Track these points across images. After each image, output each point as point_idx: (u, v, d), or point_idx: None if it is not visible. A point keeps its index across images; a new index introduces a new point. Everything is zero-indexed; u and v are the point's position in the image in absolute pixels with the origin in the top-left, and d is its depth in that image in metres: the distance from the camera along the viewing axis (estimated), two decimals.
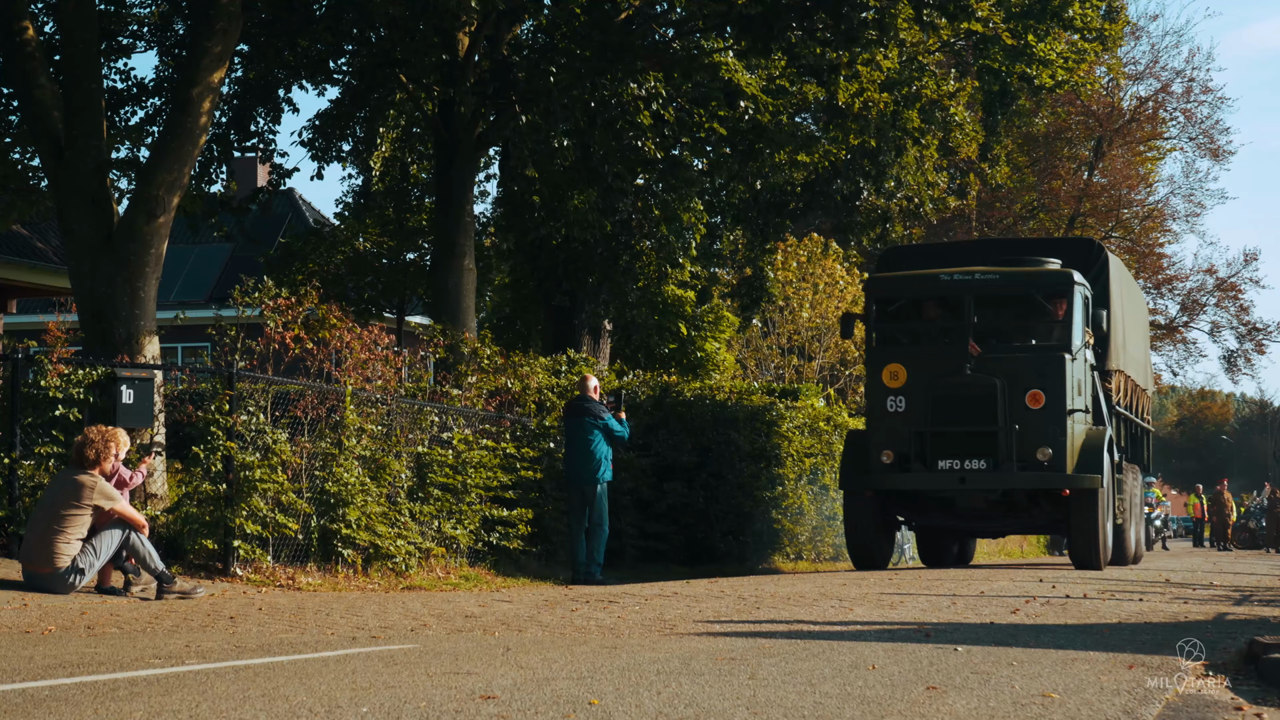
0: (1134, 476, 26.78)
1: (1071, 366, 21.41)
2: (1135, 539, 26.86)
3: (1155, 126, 47.84)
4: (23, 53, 16.75)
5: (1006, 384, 21.13)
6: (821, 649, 9.07)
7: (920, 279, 22.26)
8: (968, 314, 21.61)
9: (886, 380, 21.52)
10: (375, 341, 19.27)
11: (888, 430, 21.51)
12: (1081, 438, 21.72)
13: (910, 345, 22.37)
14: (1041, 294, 21.72)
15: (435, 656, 8.48)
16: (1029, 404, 21.10)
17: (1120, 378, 25.21)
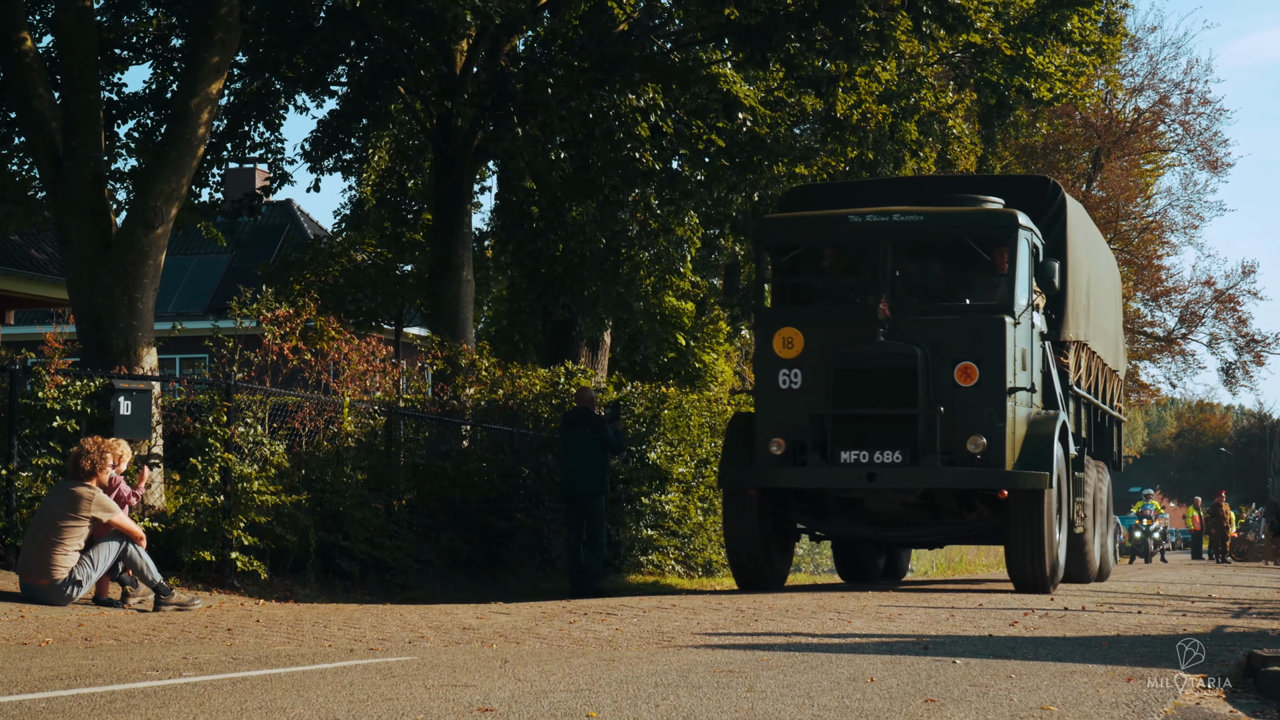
0: (1098, 474, 22.12)
1: (1014, 333, 17.20)
2: (1100, 551, 22.53)
3: (1154, 138, 47.89)
4: (21, 64, 16.76)
5: (930, 354, 16.95)
6: (819, 661, 9.06)
7: (823, 221, 18.03)
8: (883, 265, 17.33)
9: (779, 349, 17.35)
10: (373, 353, 19.27)
11: (779, 412, 17.29)
12: (1025, 424, 17.47)
13: (809, 305, 18.20)
14: (976, 240, 17.44)
15: (433, 668, 8.47)
16: (958, 380, 16.95)
17: (1081, 352, 20.95)
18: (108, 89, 21.10)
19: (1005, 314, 17.12)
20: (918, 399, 16.88)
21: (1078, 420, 20.87)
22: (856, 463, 16.86)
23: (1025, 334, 17.57)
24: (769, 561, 18.20)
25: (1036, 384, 17.99)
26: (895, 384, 16.94)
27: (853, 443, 16.94)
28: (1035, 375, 17.94)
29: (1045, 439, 17.42)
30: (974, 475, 16.96)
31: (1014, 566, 17.81)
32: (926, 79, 27.49)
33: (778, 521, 18.29)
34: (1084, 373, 21.28)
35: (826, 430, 17.03)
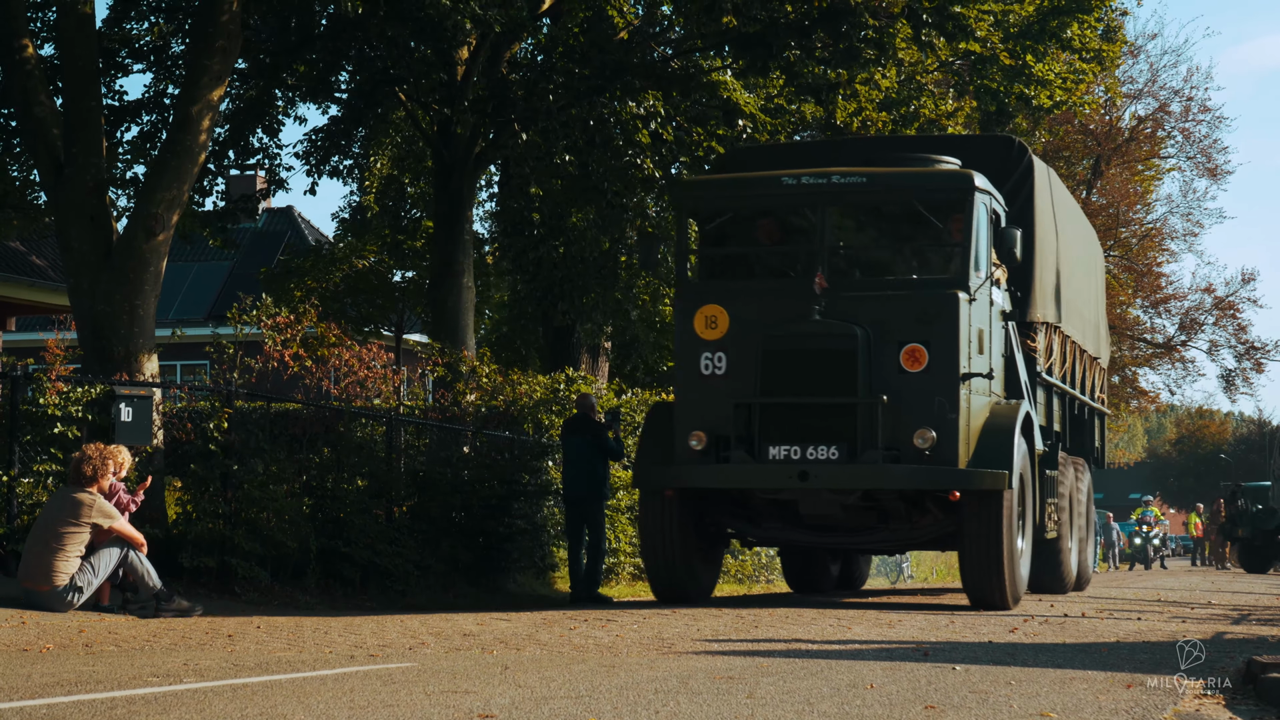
0: (1076, 473, 20.27)
1: (969, 311, 15.23)
2: (1079, 558, 20.72)
3: (1153, 145, 47.90)
4: (22, 71, 16.78)
5: (872, 335, 15.00)
6: (819, 668, 9.07)
7: (752, 183, 16.14)
8: (820, 234, 15.46)
9: (700, 329, 15.41)
10: (374, 359, 19.29)
11: (700, 402, 15.39)
12: (983, 415, 15.52)
13: (736, 279, 16.30)
14: (927, 205, 15.51)
15: (433, 675, 8.48)
16: (905, 365, 15.00)
17: (1052, 335, 18.87)
18: (109, 96, 21.12)
19: (959, 289, 15.13)
20: (857, 386, 14.93)
21: (1048, 412, 19.02)
22: (787, 459, 14.94)
23: (983, 312, 15.66)
24: (690, 571, 16.26)
25: (997, 370, 16.08)
26: (832, 369, 15.00)
27: (783, 436, 15.01)
28: (995, 360, 16.02)
29: (1005, 432, 15.39)
30: (920, 474, 14.90)
31: (968, 579, 15.75)
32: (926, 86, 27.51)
33: (702, 525, 16.36)
34: (1056, 359, 19.21)
35: (753, 422, 15.13)
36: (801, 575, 21.14)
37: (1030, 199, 17.59)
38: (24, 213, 21.70)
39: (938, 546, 18.13)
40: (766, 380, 15.15)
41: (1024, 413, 15.86)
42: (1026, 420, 16.02)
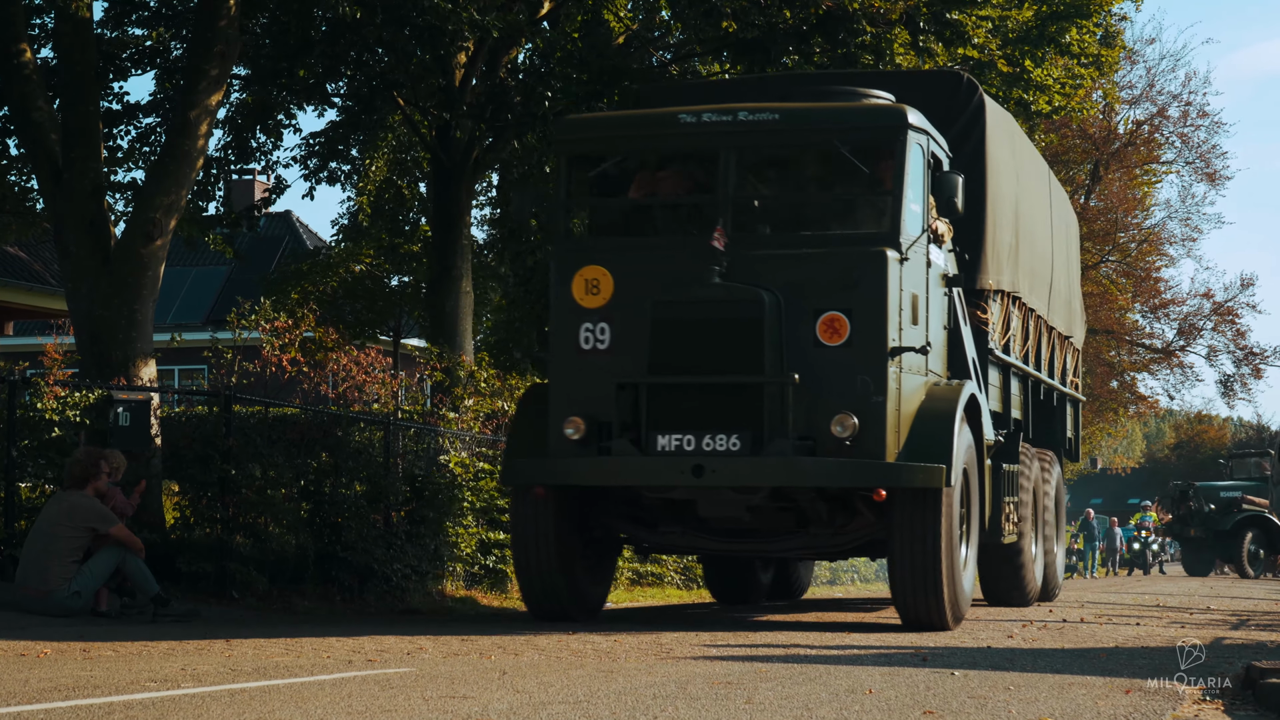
0: (1042, 467, 17.82)
1: (900, 272, 12.76)
2: (1045, 565, 18.23)
3: (1152, 150, 47.92)
4: (21, 75, 16.78)
5: (784, 301, 12.59)
6: (818, 673, 9.06)
7: (644, 122, 13.96)
8: (723, 181, 13.03)
9: (580, 295, 13.00)
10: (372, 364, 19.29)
11: (578, 382, 12.97)
12: (918, 398, 13.00)
13: (623, 235, 13.96)
14: (851, 146, 13.06)
15: (431, 680, 8.47)
16: (822, 337, 12.57)
17: (1010, 306, 16.33)
18: (109, 99, 21.13)
19: (888, 246, 12.71)
20: (764, 363, 12.50)
21: (1005, 396, 16.45)
22: (679, 451, 12.47)
23: (918, 274, 13.16)
24: (571, 583, 13.66)
25: (936, 344, 13.62)
26: (734, 342, 12.62)
27: (674, 423, 12.56)
28: (934, 332, 13.55)
29: (944, 418, 12.85)
30: (838, 468, 12.46)
31: (898, 593, 13.07)
32: None
33: (586, 530, 13.90)
34: (1016, 335, 16.72)
35: (640, 406, 12.68)
36: (726, 583, 18.52)
37: (982, 144, 15.21)
38: (22, 218, 21.69)
39: (869, 553, 15.30)
40: (656, 356, 12.67)
41: (968, 395, 13.30)
42: (972, 404, 13.59)
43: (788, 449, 12.39)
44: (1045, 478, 17.96)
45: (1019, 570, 17.04)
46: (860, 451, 12.46)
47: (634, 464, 12.67)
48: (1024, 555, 16.94)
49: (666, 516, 13.78)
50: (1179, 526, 44.65)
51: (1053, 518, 18.75)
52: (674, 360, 12.73)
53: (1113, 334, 47.44)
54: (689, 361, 12.73)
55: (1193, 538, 43.65)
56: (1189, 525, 43.72)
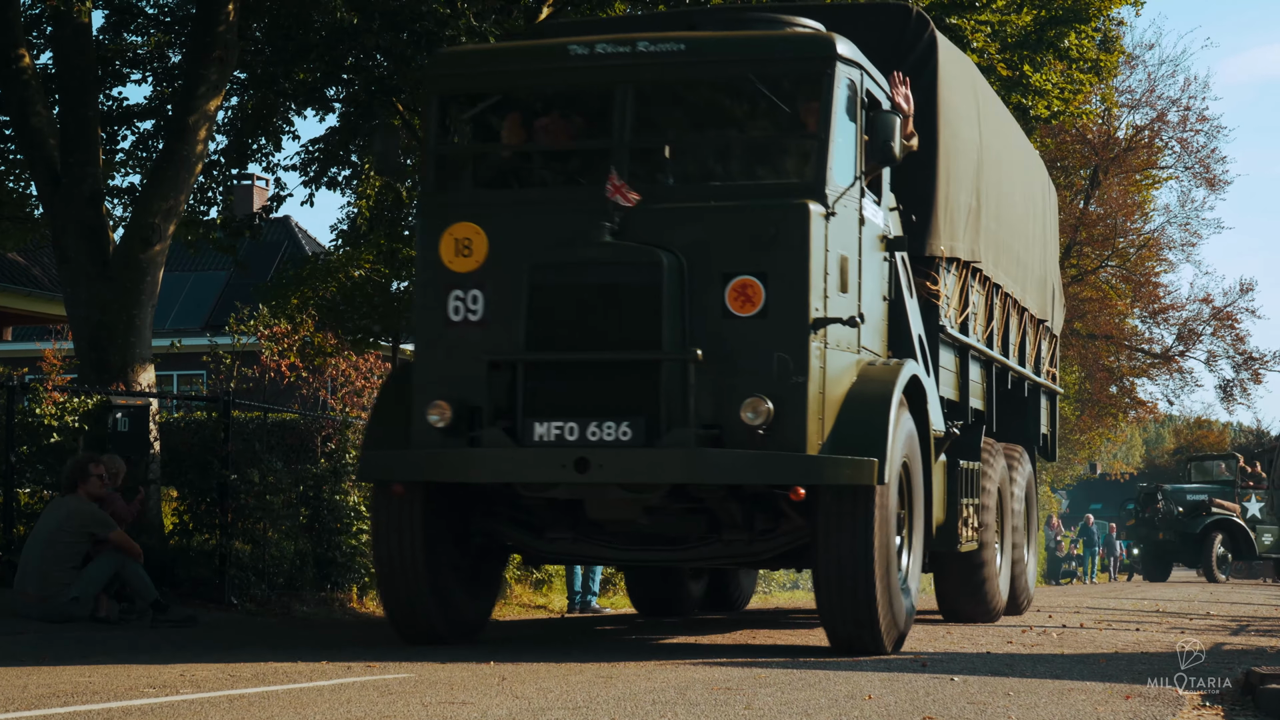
0: (1010, 465, 15.95)
1: (826, 230, 10.73)
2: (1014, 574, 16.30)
3: (1151, 155, 47.94)
4: (19, 80, 16.78)
5: (687, 263, 10.61)
6: (818, 679, 9.06)
7: (530, 54, 11.90)
8: (619, 123, 11.03)
9: (449, 257, 11.04)
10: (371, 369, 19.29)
11: (446, 359, 11.00)
12: (847, 379, 10.92)
13: (501, 188, 11.89)
14: (769, 81, 11.10)
15: (430, 686, 8.46)
16: (732, 305, 10.59)
17: (970, 280, 14.42)
18: (108, 102, 21.14)
19: (811, 198, 10.67)
20: (662, 336, 10.48)
21: (962, 381, 14.38)
22: (559, 441, 10.46)
23: (848, 233, 11.08)
24: (441, 599, 11.46)
25: (872, 316, 11.62)
26: (626, 312, 10.65)
27: (555, 409, 10.55)
28: (869, 302, 11.49)
29: (877, 404, 10.81)
30: (748, 463, 10.43)
31: (824, 608, 11.02)
32: None
33: (462, 534, 11.75)
34: (979, 313, 14.86)
35: (515, 388, 10.70)
36: (648, 593, 16.23)
37: (933, 87, 13.18)
38: (21, 223, 21.69)
39: (796, 563, 12.87)
40: (533, 329, 10.67)
41: (908, 377, 11.24)
42: (914, 388, 11.57)
43: (689, 439, 10.36)
44: (1013, 477, 16.08)
45: (980, 581, 14.96)
46: (776, 442, 10.41)
47: (506, 457, 10.60)
48: (986, 564, 14.91)
49: (554, 520, 11.65)
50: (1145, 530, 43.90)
51: (1022, 522, 16.74)
52: (555, 334, 10.68)
53: (1112, 339, 47.45)
54: (572, 335, 10.69)
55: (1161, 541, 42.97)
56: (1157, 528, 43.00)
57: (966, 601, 15.26)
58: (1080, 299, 45.65)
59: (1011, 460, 16.19)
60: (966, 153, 14.06)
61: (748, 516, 11.36)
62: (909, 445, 11.41)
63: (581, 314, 10.77)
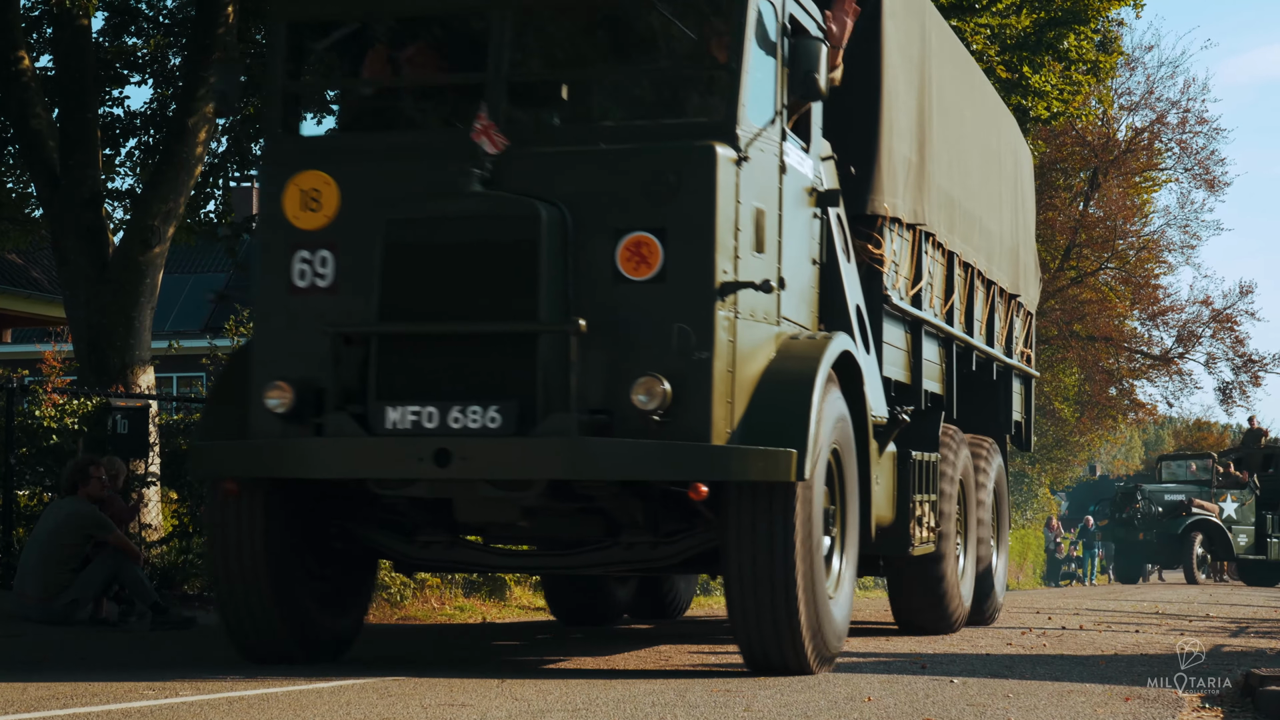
0: (975, 457, 14.41)
1: (738, 177, 9.11)
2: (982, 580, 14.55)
3: (1150, 157, 47.96)
4: (19, 83, 16.79)
5: (571, 218, 9.04)
6: (817, 681, 9.06)
7: None
8: (495, 54, 9.37)
9: (293, 212, 9.44)
10: None
11: (288, 332, 9.41)
12: (762, 355, 9.32)
13: (355, 132, 10.52)
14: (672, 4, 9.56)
15: (430, 688, 8.46)
16: (624, 268, 8.99)
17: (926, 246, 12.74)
18: (109, 103, 21.15)
19: (719, 140, 9.06)
20: (539, 304, 8.87)
21: (914, 361, 12.64)
22: (416, 429, 8.88)
23: (765, 182, 9.47)
24: (290, 615, 9.77)
25: (798, 283, 10.02)
26: (498, 275, 8.99)
27: (412, 391, 8.98)
28: (793, 266, 9.86)
29: (799, 384, 9.17)
30: (640, 455, 8.79)
31: (737, 624, 9.34)
32: None
33: (318, 538, 10.02)
34: (932, 285, 13.09)
35: (368, 366, 9.11)
36: (568, 598, 14.55)
37: (877, 20, 11.61)
38: (20, 225, 21.71)
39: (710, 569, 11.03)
40: (389, 296, 9.09)
41: (837, 352, 9.62)
42: (847, 365, 9.97)
43: (569, 427, 8.72)
44: (979, 470, 14.37)
45: (938, 588, 13.29)
46: (675, 430, 8.78)
47: (353, 448, 9.00)
48: (945, 569, 13.23)
49: (427, 521, 9.98)
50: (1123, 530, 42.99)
51: (990, 520, 14.85)
52: (413, 302, 9.07)
53: (1111, 341, 47.46)
54: (434, 304, 9.06)
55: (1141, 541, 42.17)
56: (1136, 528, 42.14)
57: (922, 610, 13.50)
58: (1080, 301, 45.65)
59: (978, 452, 14.54)
60: (913, 98, 12.46)
61: (651, 516, 9.66)
62: (840, 432, 9.75)
63: (445, 278, 9.09)
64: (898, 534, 11.89)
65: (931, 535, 12.67)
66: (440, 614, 16.96)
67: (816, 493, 9.28)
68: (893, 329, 12.05)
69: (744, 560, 9.15)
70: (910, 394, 12.53)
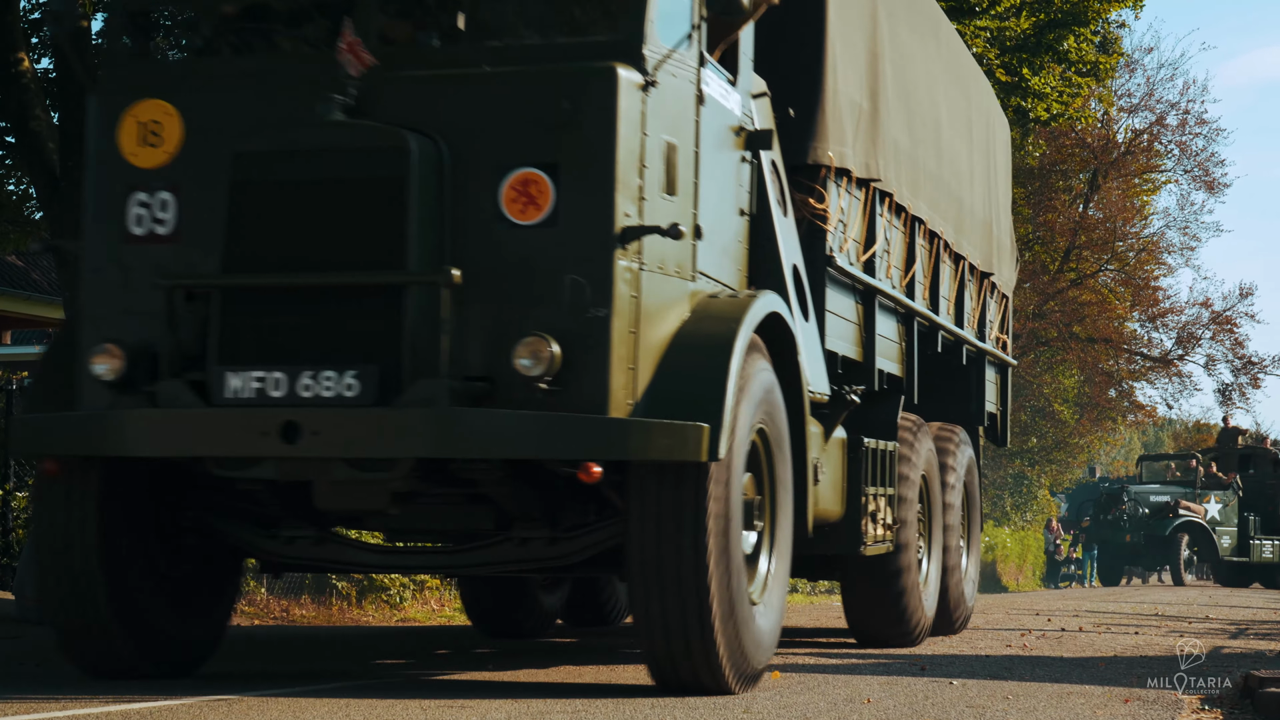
0: (946, 449, 13.09)
1: (644, 105, 7.83)
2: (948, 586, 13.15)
3: (1150, 159, 47.97)
4: (19, 84, 16.78)
5: (446, 152, 7.78)
6: (816, 682, 9.06)
7: None
8: None
9: (130, 148, 8.20)
10: None
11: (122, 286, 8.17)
12: (674, 313, 8.05)
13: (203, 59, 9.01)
14: None
15: (429, 690, 8.46)
16: (509, 211, 7.70)
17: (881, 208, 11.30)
18: None
19: (622, 61, 7.78)
20: (407, 251, 7.59)
21: (867, 336, 11.15)
22: (260, 398, 7.57)
23: (677, 113, 8.14)
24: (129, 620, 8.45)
25: (720, 234, 8.72)
26: (360, 219, 7.70)
27: (258, 354, 7.67)
28: (713, 213, 8.55)
29: (714, 348, 7.88)
30: (521, 429, 7.46)
31: (641, 634, 8.06)
32: None
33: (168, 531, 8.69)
34: (890, 252, 11.66)
35: (210, 325, 7.80)
36: (486, 604, 12.88)
37: None
38: (20, 226, 21.70)
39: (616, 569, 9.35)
40: (234, 243, 7.79)
41: (763, 314, 8.31)
42: (777, 331, 8.67)
43: (439, 395, 7.41)
44: (946, 464, 13.02)
45: (897, 594, 11.79)
46: (566, 400, 7.48)
47: (187, 422, 7.67)
48: (904, 572, 11.74)
49: (287, 511, 8.64)
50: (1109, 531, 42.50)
51: (959, 519, 13.45)
52: (263, 250, 7.74)
53: (1111, 343, 47.46)
54: (286, 252, 7.72)
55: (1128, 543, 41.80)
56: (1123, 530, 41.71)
57: (878, 618, 12.02)
58: (1079, 303, 45.66)
59: (944, 443, 13.13)
60: (864, 36, 11.04)
61: (549, 506, 8.39)
62: (767, 409, 8.37)
63: (299, 222, 7.77)
64: (848, 531, 10.62)
65: (888, 534, 11.28)
66: (440, 615, 16.96)
67: (735, 478, 7.89)
68: (840, 297, 10.61)
69: (647, 558, 7.78)
70: (862, 373, 11.04)
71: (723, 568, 7.79)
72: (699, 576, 7.72)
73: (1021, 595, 30.99)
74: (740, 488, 8.01)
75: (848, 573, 11.89)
